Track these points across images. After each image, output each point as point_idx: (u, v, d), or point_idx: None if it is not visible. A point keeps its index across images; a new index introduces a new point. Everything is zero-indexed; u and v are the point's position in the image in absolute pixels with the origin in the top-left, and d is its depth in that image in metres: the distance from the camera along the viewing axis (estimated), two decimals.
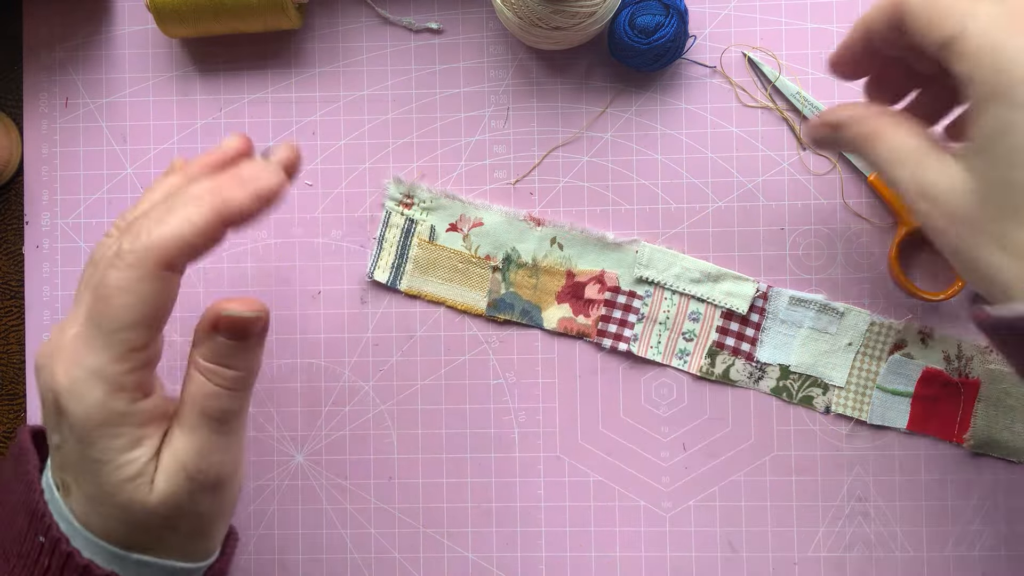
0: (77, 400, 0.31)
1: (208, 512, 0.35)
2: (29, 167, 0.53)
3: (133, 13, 0.52)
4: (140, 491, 0.32)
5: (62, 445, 0.33)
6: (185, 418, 0.34)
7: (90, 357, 0.31)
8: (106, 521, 0.33)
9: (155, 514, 0.33)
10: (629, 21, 0.46)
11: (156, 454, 0.33)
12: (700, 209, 0.49)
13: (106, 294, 0.31)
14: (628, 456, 0.49)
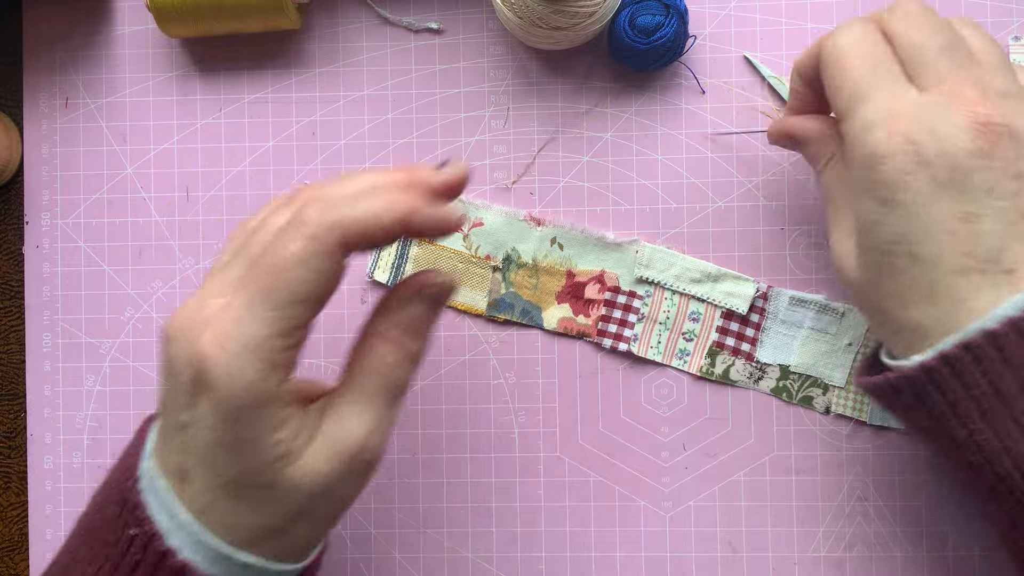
0: (230, 375, 0.29)
1: (349, 497, 0.33)
2: (29, 167, 0.53)
3: (133, 13, 0.52)
4: (288, 472, 0.30)
5: (191, 425, 0.30)
6: (360, 392, 0.32)
7: (251, 329, 0.29)
8: (232, 511, 0.31)
9: (299, 496, 0.31)
10: (629, 21, 0.46)
11: (298, 435, 0.31)
12: (700, 209, 0.49)
13: (280, 265, 0.29)
14: (628, 456, 0.49)
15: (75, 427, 0.52)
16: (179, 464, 0.31)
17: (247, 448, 0.30)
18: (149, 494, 0.31)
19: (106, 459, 0.51)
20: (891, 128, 0.30)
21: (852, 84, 0.31)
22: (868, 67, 0.32)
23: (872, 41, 0.32)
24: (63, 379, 0.52)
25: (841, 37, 0.33)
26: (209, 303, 0.31)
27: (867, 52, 0.32)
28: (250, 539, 0.31)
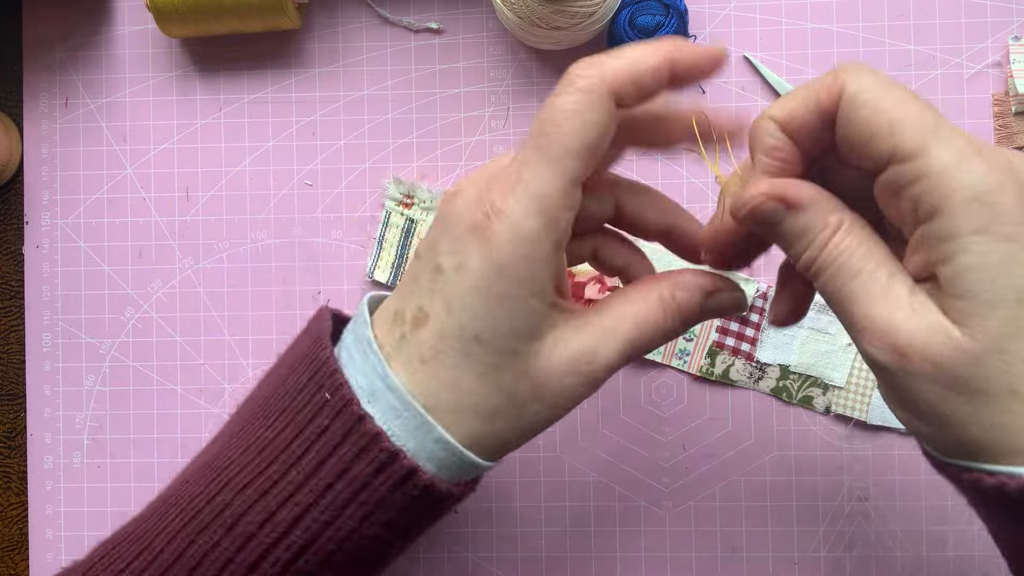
0: (513, 223, 0.28)
1: (561, 409, 0.32)
2: (29, 167, 0.53)
3: (133, 13, 0.52)
4: (533, 346, 0.30)
5: (452, 269, 0.29)
6: (611, 326, 0.31)
7: (534, 182, 0.29)
8: (456, 366, 0.29)
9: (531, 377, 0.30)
10: (629, 21, 0.46)
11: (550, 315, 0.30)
12: (700, 209, 0.49)
13: (555, 118, 0.30)
14: (628, 456, 0.49)
15: (75, 427, 0.52)
16: (419, 307, 0.30)
17: (507, 304, 0.29)
18: (350, 362, 0.30)
19: (106, 459, 0.52)
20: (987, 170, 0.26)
21: (915, 120, 0.27)
22: (917, 104, 0.27)
23: (897, 83, 0.29)
24: (63, 379, 0.52)
25: (867, 75, 0.28)
26: (497, 166, 0.31)
27: (908, 90, 0.28)
28: (459, 409, 0.30)
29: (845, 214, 0.28)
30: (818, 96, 0.28)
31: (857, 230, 0.28)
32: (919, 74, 0.49)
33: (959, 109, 0.48)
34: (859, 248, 0.28)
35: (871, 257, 0.28)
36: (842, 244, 0.28)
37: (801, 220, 0.29)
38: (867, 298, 0.27)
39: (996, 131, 0.48)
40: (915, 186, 0.26)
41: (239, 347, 0.51)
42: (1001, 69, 0.48)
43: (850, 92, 0.27)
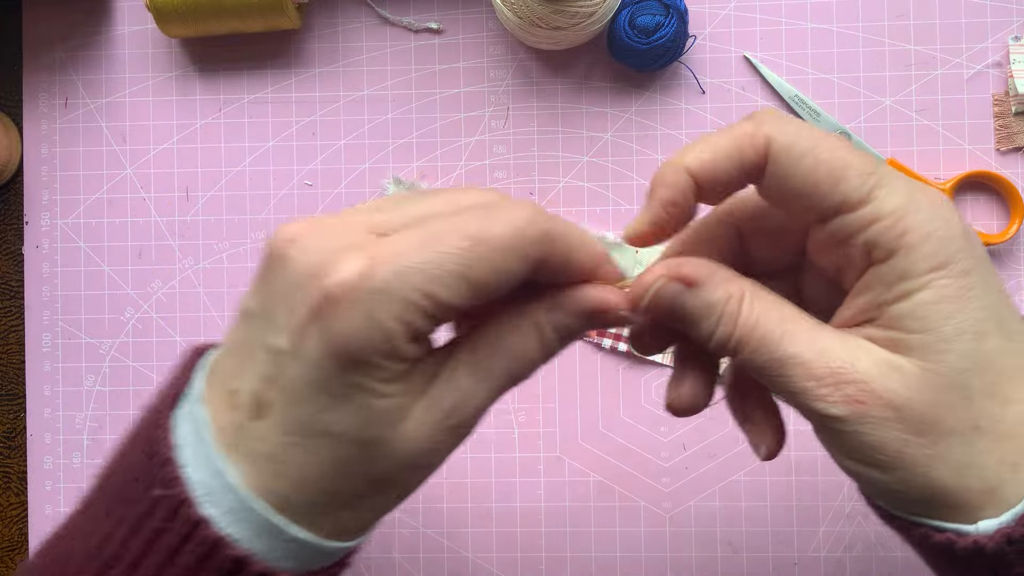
0: (366, 315, 0.24)
1: (431, 470, 0.29)
2: (29, 167, 0.53)
3: (133, 13, 0.52)
4: (394, 430, 0.26)
5: (290, 354, 0.25)
6: (489, 367, 0.28)
7: (412, 276, 0.24)
8: (306, 464, 0.26)
9: (394, 459, 0.27)
10: (629, 21, 0.46)
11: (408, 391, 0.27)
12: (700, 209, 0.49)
13: (475, 235, 0.25)
14: (628, 456, 0.49)
15: (75, 427, 0.52)
16: (257, 393, 0.26)
17: (355, 397, 0.25)
18: (187, 447, 0.26)
19: None
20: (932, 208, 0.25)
21: (858, 167, 0.26)
22: (851, 151, 0.26)
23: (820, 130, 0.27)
24: (63, 379, 0.52)
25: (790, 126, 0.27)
26: (359, 230, 0.26)
27: (835, 136, 0.27)
28: (313, 506, 0.27)
29: (744, 282, 0.27)
30: (741, 150, 0.26)
31: (761, 294, 0.27)
32: (919, 74, 0.49)
33: (959, 109, 0.48)
34: (774, 310, 0.27)
35: (788, 316, 0.27)
36: (756, 310, 0.27)
37: (704, 296, 0.27)
38: (804, 355, 0.26)
39: (996, 131, 0.48)
40: (868, 231, 0.25)
41: None
42: (1001, 69, 0.48)
43: (781, 145, 0.26)
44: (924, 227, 0.25)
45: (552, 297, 0.28)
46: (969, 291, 0.25)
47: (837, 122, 0.49)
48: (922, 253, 0.25)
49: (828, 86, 0.49)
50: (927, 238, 0.25)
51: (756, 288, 0.27)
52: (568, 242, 0.27)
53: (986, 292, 0.25)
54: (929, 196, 0.26)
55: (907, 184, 0.26)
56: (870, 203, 0.25)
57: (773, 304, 0.27)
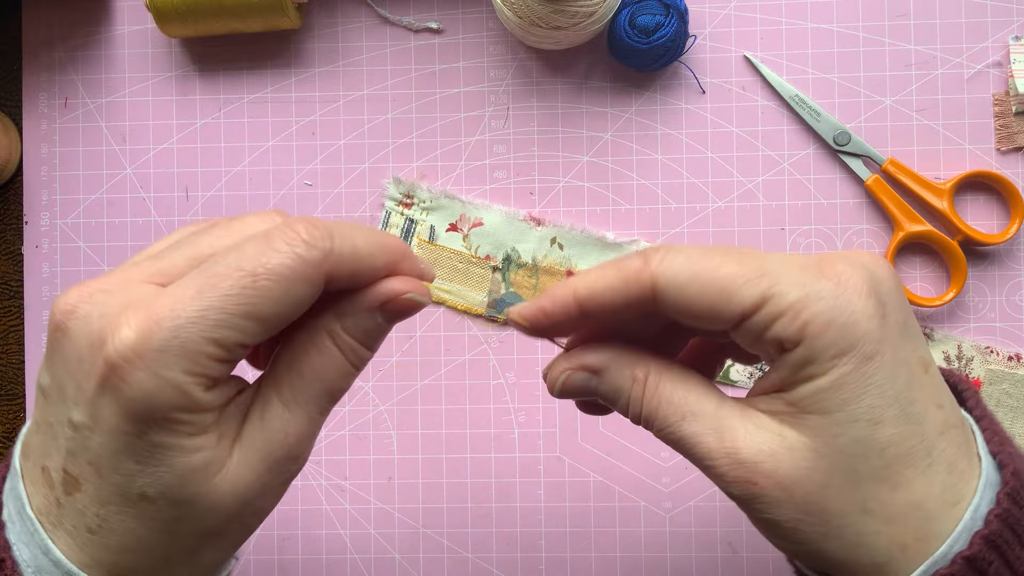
0: (152, 371, 0.24)
1: (267, 509, 0.29)
2: (29, 167, 0.53)
3: (133, 13, 0.52)
4: (212, 483, 0.26)
5: (87, 427, 0.25)
6: (297, 393, 0.27)
7: (193, 326, 0.24)
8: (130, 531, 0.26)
9: (220, 510, 0.26)
10: (629, 21, 0.46)
11: (221, 440, 0.26)
12: (700, 209, 0.49)
13: (252, 271, 0.25)
14: (628, 456, 0.49)
15: None
16: (66, 469, 0.25)
17: (163, 457, 0.25)
18: (12, 524, 0.26)
19: None
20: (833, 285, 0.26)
21: (742, 275, 0.26)
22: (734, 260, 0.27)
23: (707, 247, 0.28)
24: None
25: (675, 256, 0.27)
26: (137, 287, 0.26)
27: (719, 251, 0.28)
28: (148, 571, 0.27)
29: (650, 363, 0.29)
30: (628, 285, 0.27)
31: (666, 375, 0.28)
32: (919, 74, 0.49)
33: (959, 109, 0.48)
34: (674, 393, 0.28)
35: (690, 397, 0.28)
36: (659, 392, 0.28)
37: (607, 382, 0.29)
38: (704, 436, 0.27)
39: (996, 131, 0.48)
40: (772, 328, 0.26)
41: None
42: (1001, 69, 0.48)
43: (667, 279, 0.27)
44: (824, 315, 0.25)
45: (340, 303, 0.28)
46: (870, 377, 0.25)
47: (837, 122, 0.49)
48: (824, 341, 0.25)
49: (828, 86, 0.49)
50: (828, 326, 0.25)
51: (662, 368, 0.29)
52: (354, 253, 0.27)
53: (891, 376, 0.26)
54: (834, 280, 0.26)
55: (802, 269, 0.26)
56: (767, 304, 0.26)
57: (678, 384, 0.28)
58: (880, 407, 0.25)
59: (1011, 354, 0.48)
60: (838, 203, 0.49)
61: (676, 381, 0.28)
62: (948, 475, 0.26)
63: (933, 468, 0.26)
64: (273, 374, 0.28)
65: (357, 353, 0.28)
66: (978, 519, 0.26)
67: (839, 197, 0.49)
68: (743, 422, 0.27)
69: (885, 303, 0.26)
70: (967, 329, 0.48)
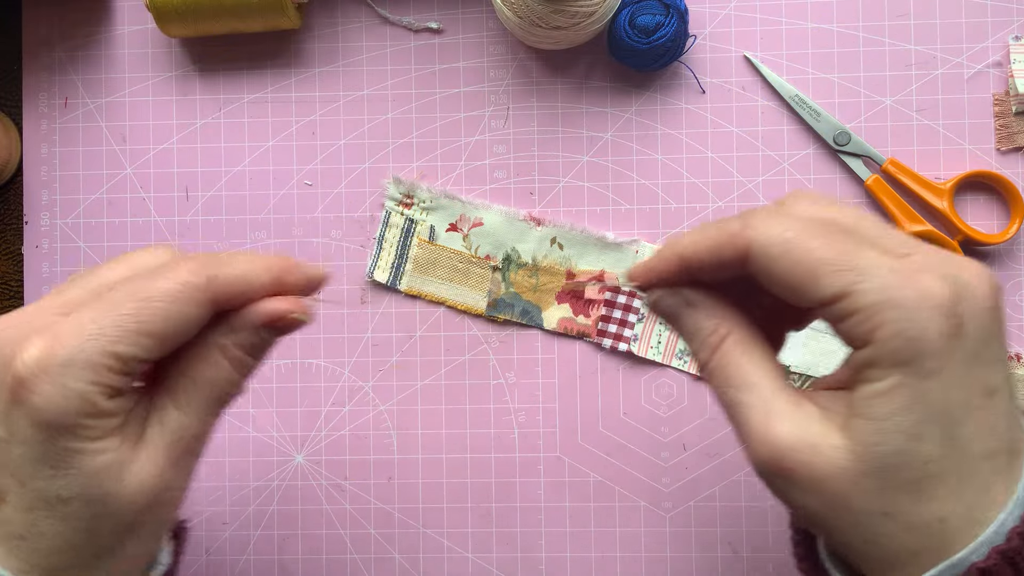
0: (56, 384, 0.27)
1: (175, 502, 0.32)
2: (29, 167, 0.53)
3: (133, 13, 0.52)
4: (122, 480, 0.29)
5: (3, 441, 0.28)
6: (191, 399, 0.31)
7: (92, 342, 0.28)
8: (57, 533, 0.29)
9: (131, 506, 0.29)
10: (629, 21, 0.46)
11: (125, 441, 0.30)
12: (700, 209, 0.49)
13: (144, 294, 0.29)
14: (628, 456, 0.49)
15: None
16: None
17: (73, 460, 0.28)
18: None
19: None
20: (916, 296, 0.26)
21: (832, 264, 0.27)
22: (830, 244, 0.27)
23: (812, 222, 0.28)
24: None
25: (775, 227, 0.28)
26: (42, 317, 0.29)
27: (819, 232, 0.28)
28: (79, 569, 0.30)
29: (736, 326, 0.30)
30: (722, 246, 0.29)
31: (746, 343, 0.30)
32: (919, 74, 0.49)
33: (959, 109, 0.48)
34: (744, 361, 0.29)
35: (756, 371, 0.29)
36: (729, 354, 0.29)
37: (694, 317, 0.31)
38: (750, 410, 0.28)
39: (996, 131, 0.48)
40: (844, 323, 0.27)
41: None
42: (1001, 69, 0.48)
43: (760, 245, 0.28)
44: (895, 324, 0.26)
45: (228, 320, 0.32)
46: (923, 394, 0.26)
47: (837, 122, 0.49)
48: (888, 349, 0.26)
49: (828, 86, 0.49)
50: (896, 336, 0.26)
51: (744, 333, 0.30)
52: (237, 276, 0.30)
53: (944, 397, 0.26)
54: (917, 291, 0.26)
55: (891, 277, 0.26)
56: (846, 298, 0.26)
57: (752, 353, 0.30)
58: (926, 424, 0.26)
59: (1011, 354, 0.48)
60: None
61: (752, 351, 0.29)
62: (980, 496, 0.26)
63: (966, 487, 0.26)
64: (168, 383, 0.31)
65: (244, 363, 0.32)
66: (1000, 534, 0.26)
67: (839, 197, 0.49)
68: (794, 410, 0.28)
69: (964, 323, 0.26)
70: None
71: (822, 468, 0.27)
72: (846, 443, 0.27)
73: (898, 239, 0.28)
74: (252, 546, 0.50)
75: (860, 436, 0.26)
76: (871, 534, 0.27)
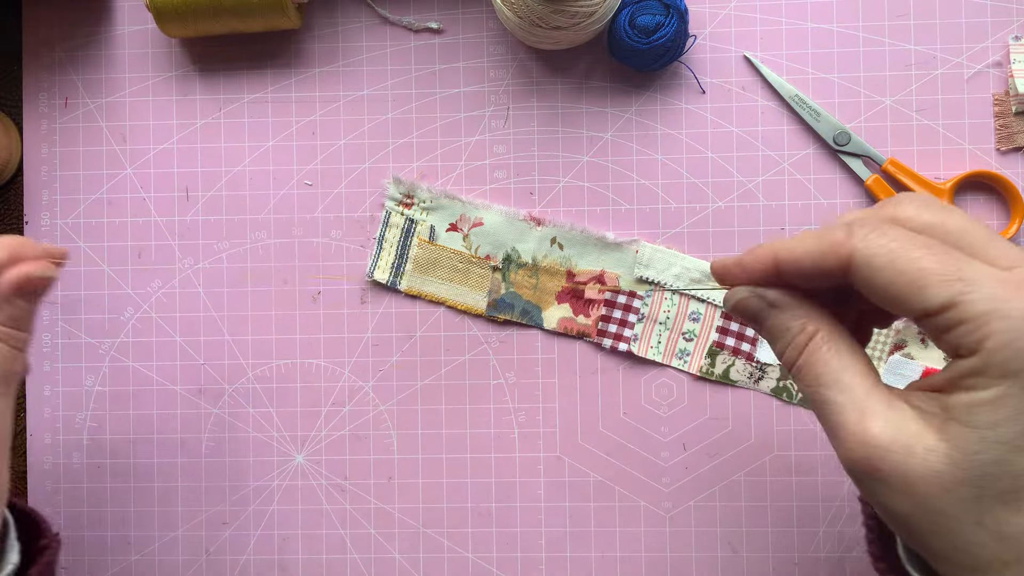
0: None
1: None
2: (29, 167, 0.53)
3: (133, 13, 0.52)
4: None
5: None
6: None
7: None
8: None
9: None
10: (629, 21, 0.46)
11: None
12: (700, 209, 0.49)
13: None
14: (628, 456, 0.49)
15: (75, 427, 0.52)
16: None
17: None
18: None
19: (106, 459, 0.52)
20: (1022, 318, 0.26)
21: (938, 275, 0.27)
22: (934, 255, 0.27)
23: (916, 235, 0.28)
24: (63, 379, 0.52)
25: (879, 238, 0.28)
26: None
27: (923, 243, 0.27)
28: None
29: (823, 323, 0.30)
30: (825, 256, 0.28)
31: (835, 340, 0.29)
32: (919, 74, 0.49)
33: (959, 109, 0.48)
34: (834, 359, 0.29)
35: (847, 369, 0.29)
36: (818, 352, 0.29)
37: (779, 318, 0.30)
38: (842, 409, 0.28)
39: (996, 131, 0.48)
40: (951, 333, 0.26)
41: (239, 347, 0.51)
42: (1001, 69, 0.48)
43: (863, 256, 0.28)
44: (1005, 335, 0.26)
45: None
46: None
47: (837, 122, 0.49)
48: (997, 359, 0.26)
49: (828, 86, 0.49)
50: (1006, 346, 0.26)
51: (832, 330, 0.30)
52: None
53: None
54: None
55: (999, 284, 0.26)
56: (953, 308, 0.26)
57: (842, 351, 0.29)
58: None
59: None
60: (838, 203, 0.49)
61: (841, 348, 0.29)
62: None
63: None
64: None
65: (15, 337, 0.34)
66: None
67: (839, 197, 0.49)
68: (887, 410, 0.28)
69: None
70: None
71: (917, 470, 0.26)
72: (943, 447, 0.26)
73: (1004, 249, 0.28)
74: (252, 546, 0.50)
75: (960, 443, 0.26)
76: (962, 542, 0.27)
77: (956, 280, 0.26)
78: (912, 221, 0.29)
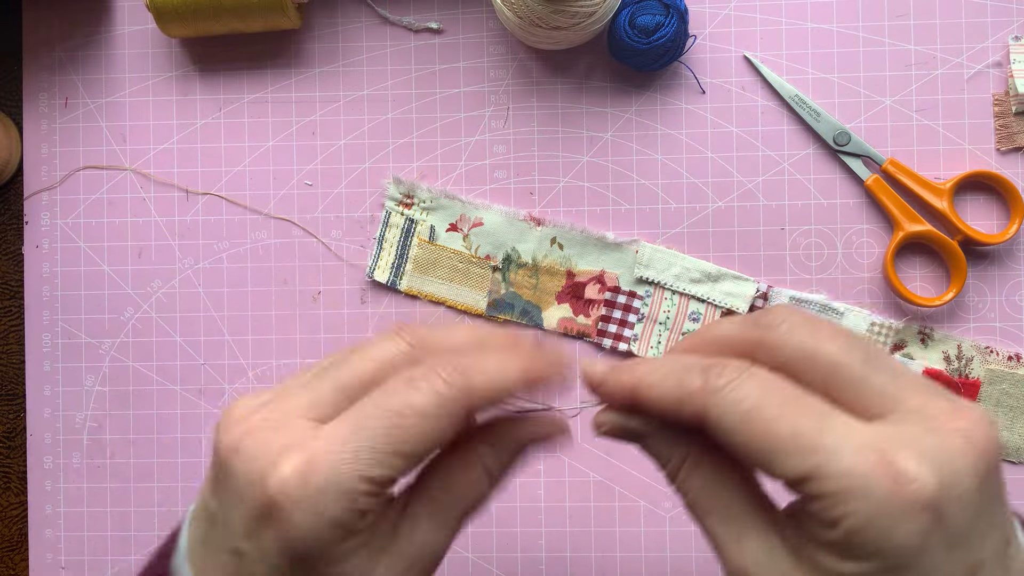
0: (313, 512, 0.26)
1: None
2: (29, 167, 0.53)
3: (133, 13, 0.52)
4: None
5: (250, 555, 0.27)
6: (444, 514, 0.30)
7: (346, 467, 0.26)
8: None
9: None
10: (629, 21, 0.46)
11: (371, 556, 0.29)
12: (700, 209, 0.49)
13: (398, 410, 0.27)
14: (628, 456, 0.49)
15: (75, 427, 0.52)
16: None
17: None
18: None
19: (106, 459, 0.51)
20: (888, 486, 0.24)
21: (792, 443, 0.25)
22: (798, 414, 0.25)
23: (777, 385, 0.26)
24: (63, 379, 0.52)
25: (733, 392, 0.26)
26: (294, 422, 0.28)
27: (781, 397, 0.26)
28: None
29: (692, 448, 0.28)
30: (680, 404, 0.27)
31: (704, 469, 0.28)
32: (919, 74, 0.49)
33: (959, 109, 0.48)
34: (707, 487, 0.28)
35: (721, 498, 0.28)
36: (689, 481, 0.28)
37: (649, 447, 0.29)
38: (720, 539, 0.27)
39: (996, 131, 0.48)
40: (810, 505, 0.25)
41: (239, 347, 0.51)
42: (1001, 69, 0.48)
43: (716, 415, 0.26)
44: (864, 515, 0.24)
45: (494, 435, 0.31)
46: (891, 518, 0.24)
47: (837, 122, 0.49)
48: (856, 541, 0.24)
49: (828, 86, 0.49)
50: (863, 529, 0.24)
51: (701, 458, 0.28)
52: (496, 385, 0.28)
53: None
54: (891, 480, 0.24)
55: (861, 461, 0.24)
56: (809, 482, 0.24)
57: (707, 482, 0.28)
58: None
59: (1011, 354, 0.48)
60: (838, 203, 0.49)
61: (714, 475, 0.28)
62: None
63: None
64: (425, 493, 0.30)
65: (499, 482, 0.31)
66: None
67: (839, 197, 0.49)
68: (761, 541, 0.27)
69: (945, 512, 0.24)
70: (967, 329, 0.48)
71: None
72: None
73: (880, 386, 0.26)
74: None
75: None
76: None
77: (811, 451, 0.24)
78: (781, 350, 0.27)
